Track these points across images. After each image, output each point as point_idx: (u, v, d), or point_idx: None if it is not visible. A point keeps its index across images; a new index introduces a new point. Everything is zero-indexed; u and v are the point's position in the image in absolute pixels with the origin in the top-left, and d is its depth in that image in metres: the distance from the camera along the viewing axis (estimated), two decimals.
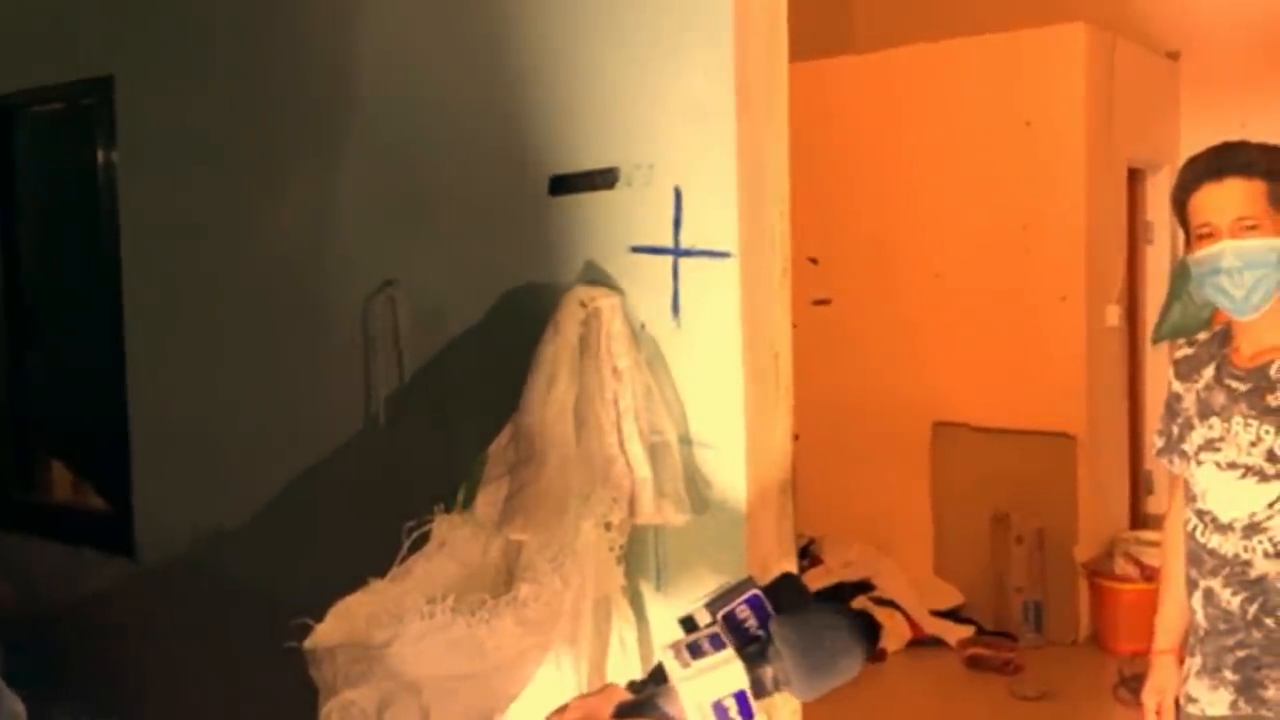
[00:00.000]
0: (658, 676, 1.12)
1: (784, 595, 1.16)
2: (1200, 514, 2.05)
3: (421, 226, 2.77)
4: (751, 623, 1.13)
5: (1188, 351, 2.15)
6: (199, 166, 3.28)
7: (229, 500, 3.20)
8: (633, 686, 1.14)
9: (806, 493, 2.47)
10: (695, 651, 1.08)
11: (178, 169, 3.34)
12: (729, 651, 1.07)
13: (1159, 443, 2.24)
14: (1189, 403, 2.10)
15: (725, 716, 1.06)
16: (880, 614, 5.16)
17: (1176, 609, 2.19)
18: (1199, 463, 2.05)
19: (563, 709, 1.12)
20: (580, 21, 2.44)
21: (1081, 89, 5.17)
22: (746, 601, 1.14)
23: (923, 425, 5.50)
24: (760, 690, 1.08)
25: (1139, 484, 5.88)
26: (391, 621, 2.04)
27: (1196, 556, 2.06)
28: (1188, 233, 2.03)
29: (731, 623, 1.12)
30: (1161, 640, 2.26)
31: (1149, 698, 2.25)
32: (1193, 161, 2.03)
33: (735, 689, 1.06)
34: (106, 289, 3.51)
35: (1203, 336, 2.14)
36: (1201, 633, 2.06)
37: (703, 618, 1.14)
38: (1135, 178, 5.77)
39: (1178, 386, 2.14)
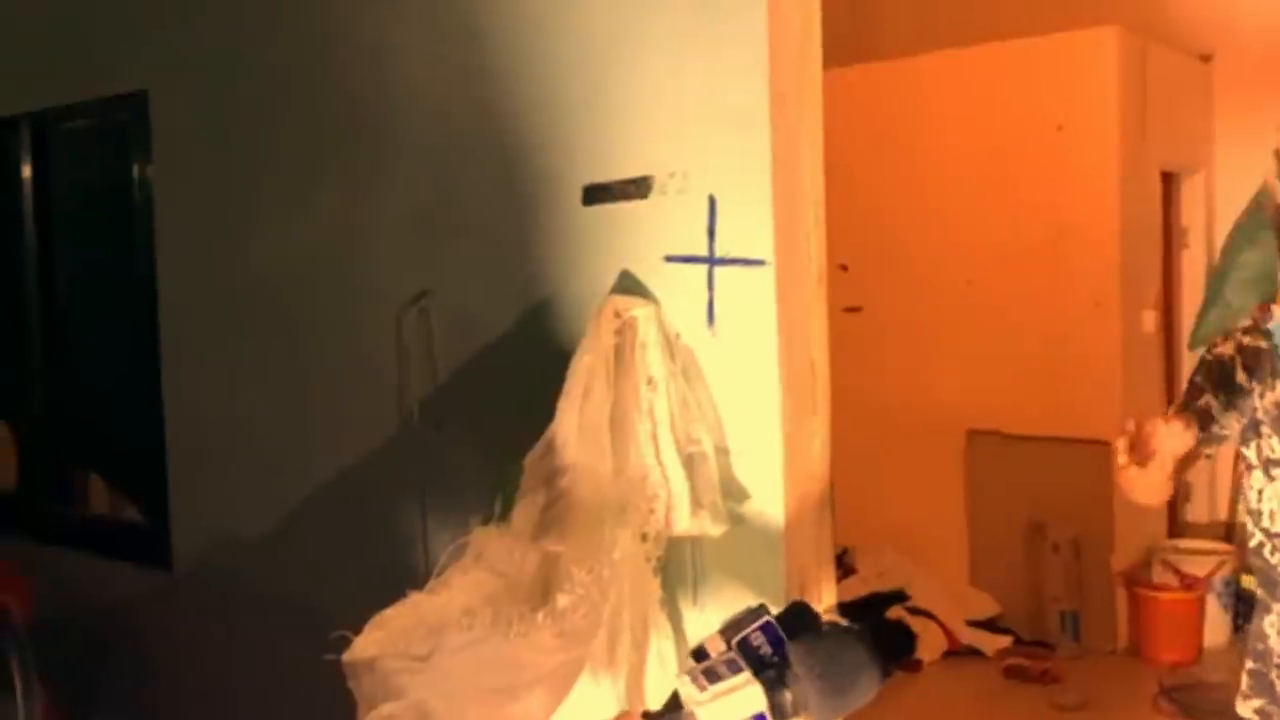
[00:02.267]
0: (673, 704, 1.12)
1: (796, 621, 1.17)
2: (1268, 534, 1.92)
3: (455, 238, 2.77)
4: (766, 649, 1.13)
5: (1258, 344, 1.97)
6: (233, 181, 3.30)
7: (264, 512, 3.20)
8: (648, 716, 1.14)
9: (839, 502, 2.45)
10: (712, 677, 1.08)
11: (212, 183, 3.36)
12: (746, 675, 1.08)
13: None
14: (1258, 406, 1.93)
15: None
16: (916, 624, 5.12)
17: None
18: (1270, 477, 1.91)
19: None
20: (613, 30, 2.43)
21: (1114, 93, 5.13)
22: (760, 628, 1.14)
23: (957, 433, 5.45)
24: (780, 714, 1.08)
25: (1176, 491, 5.80)
26: (430, 634, 2.04)
27: (1267, 577, 1.94)
28: None
29: (745, 649, 1.13)
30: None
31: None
32: None
33: (754, 712, 1.07)
34: (142, 303, 3.54)
35: (1274, 326, 1.95)
36: (1277, 659, 1.92)
37: (715, 646, 1.14)
38: (1169, 182, 5.72)
39: (1242, 378, 1.96)
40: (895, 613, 5.13)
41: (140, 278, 3.55)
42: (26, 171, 3.99)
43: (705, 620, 2.27)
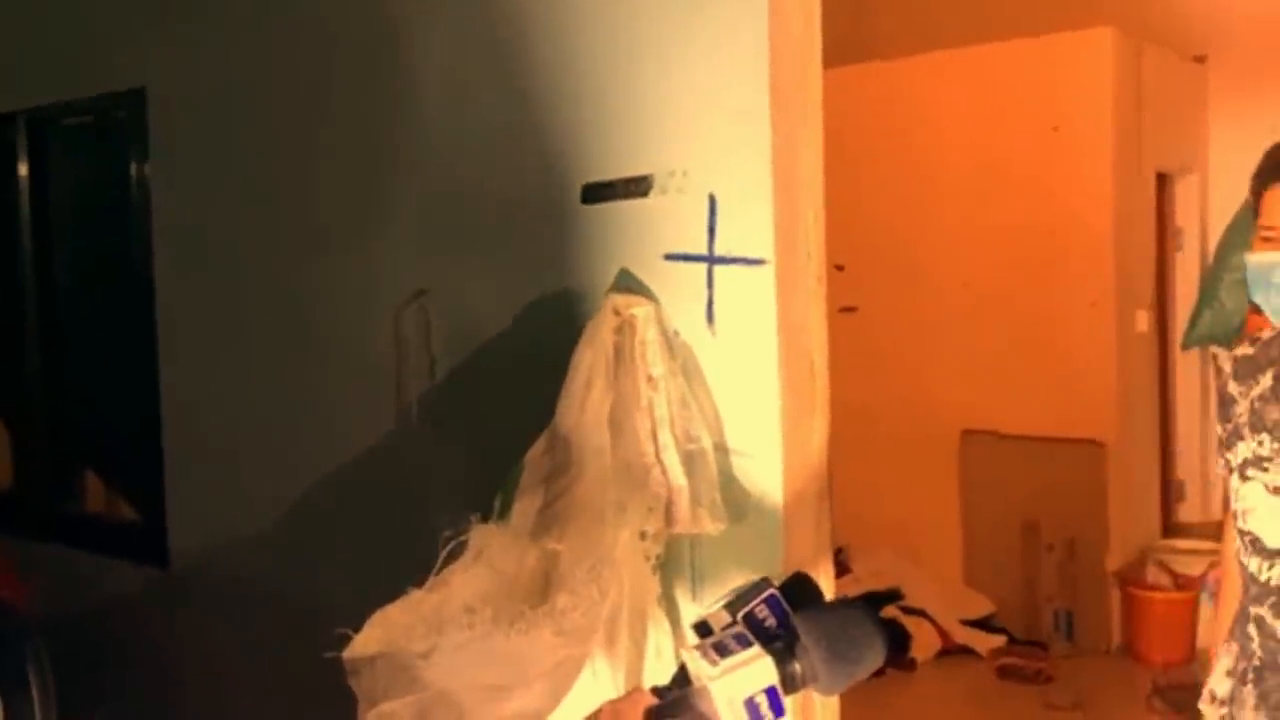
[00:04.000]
0: (681, 679, 1.13)
1: (799, 593, 1.18)
2: (1242, 534, 1.88)
3: (454, 236, 2.77)
4: (771, 622, 1.14)
5: (1248, 351, 1.94)
6: (231, 179, 3.29)
7: (262, 509, 3.20)
8: (657, 691, 1.14)
9: (834, 501, 2.46)
10: (722, 650, 1.09)
11: (210, 181, 3.36)
12: (757, 648, 1.09)
13: (1219, 448, 2.04)
14: (1242, 409, 1.91)
15: (757, 713, 1.07)
16: (910, 623, 5.13)
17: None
18: (1244, 478, 1.87)
19: (595, 714, 1.12)
20: (613, 28, 2.44)
21: (1109, 94, 5.15)
22: (765, 601, 1.15)
23: (951, 433, 5.48)
24: (790, 685, 1.09)
25: (1170, 491, 5.83)
26: (430, 632, 2.04)
27: (1245, 579, 1.90)
28: (1256, 221, 1.84)
29: (751, 622, 1.13)
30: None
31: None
32: (1275, 150, 1.84)
33: (766, 685, 1.08)
34: (139, 301, 3.53)
35: (1266, 334, 1.92)
36: (1258, 661, 1.87)
37: (720, 620, 1.15)
38: (1164, 183, 5.75)
39: (1234, 388, 1.95)
40: (889, 612, 5.15)
41: (137, 275, 3.54)
42: (23, 168, 3.98)
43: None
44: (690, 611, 2.34)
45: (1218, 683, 1.98)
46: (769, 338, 2.26)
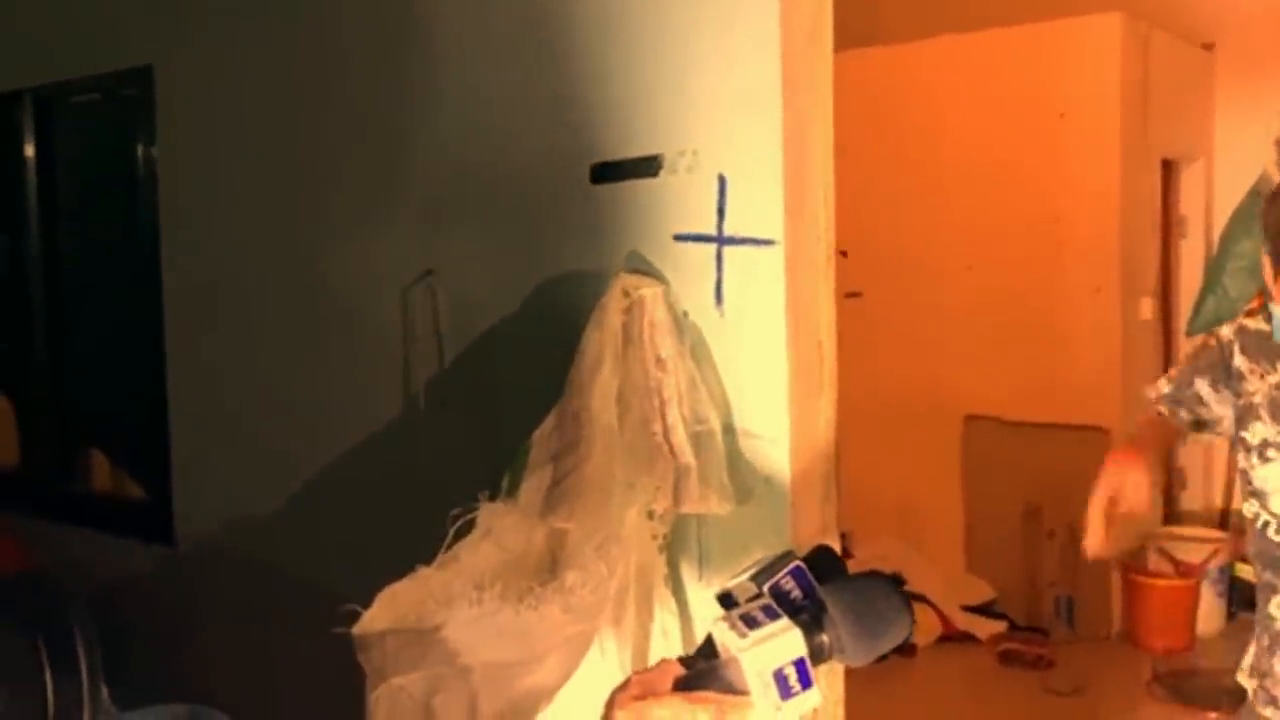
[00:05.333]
0: (707, 650, 1.13)
1: (824, 566, 1.18)
2: (1275, 516, 1.91)
3: (462, 216, 2.77)
4: (796, 594, 1.15)
5: (1264, 327, 1.95)
6: (239, 157, 3.29)
7: (269, 488, 3.21)
8: (684, 661, 1.15)
9: (839, 484, 2.46)
10: (750, 622, 1.09)
11: (217, 159, 3.35)
12: (785, 620, 1.09)
13: (1165, 388, 2.11)
14: (1256, 389, 1.93)
15: (786, 684, 1.07)
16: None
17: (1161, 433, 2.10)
18: (1264, 459, 1.91)
19: (625, 684, 1.13)
20: (625, 7, 2.43)
21: (1116, 80, 5.14)
22: (790, 573, 1.16)
23: (954, 419, 5.48)
24: (818, 657, 1.10)
25: (1172, 479, 5.84)
26: (439, 608, 2.05)
27: (1269, 556, 1.93)
28: (1275, 256, 1.81)
29: (777, 594, 1.14)
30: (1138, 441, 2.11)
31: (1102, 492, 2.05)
32: None
33: (795, 657, 1.08)
34: (146, 279, 3.53)
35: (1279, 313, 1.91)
36: None
37: (745, 591, 1.15)
38: (1169, 170, 5.74)
39: (1241, 363, 1.96)
40: None
41: (144, 253, 3.54)
42: (29, 146, 3.98)
43: (711, 597, 2.28)
44: (697, 590, 2.35)
45: (1258, 655, 2.00)
46: (777, 318, 2.27)
